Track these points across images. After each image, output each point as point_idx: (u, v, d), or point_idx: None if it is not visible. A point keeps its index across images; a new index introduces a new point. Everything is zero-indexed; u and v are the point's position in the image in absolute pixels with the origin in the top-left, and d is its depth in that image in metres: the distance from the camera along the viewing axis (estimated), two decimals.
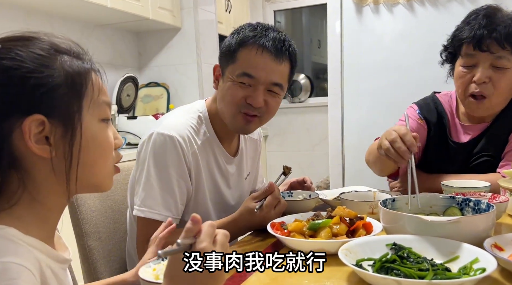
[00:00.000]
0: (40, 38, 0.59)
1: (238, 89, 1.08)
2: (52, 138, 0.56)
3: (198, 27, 2.85)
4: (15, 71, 0.54)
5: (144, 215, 1.03)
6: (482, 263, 0.69)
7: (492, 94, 1.25)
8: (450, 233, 0.79)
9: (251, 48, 1.07)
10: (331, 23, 2.49)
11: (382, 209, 0.89)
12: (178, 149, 1.06)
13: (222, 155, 1.19)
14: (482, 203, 0.90)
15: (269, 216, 1.02)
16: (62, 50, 0.59)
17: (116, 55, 2.80)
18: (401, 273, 0.69)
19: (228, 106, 1.10)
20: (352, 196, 1.20)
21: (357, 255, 0.77)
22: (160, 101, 2.90)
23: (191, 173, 1.10)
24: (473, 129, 1.36)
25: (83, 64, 0.60)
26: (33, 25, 2.24)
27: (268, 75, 1.07)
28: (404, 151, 1.01)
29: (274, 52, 1.07)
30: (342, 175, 2.56)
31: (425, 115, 1.41)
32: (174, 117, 1.14)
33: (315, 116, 3.81)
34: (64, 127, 0.57)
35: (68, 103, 0.57)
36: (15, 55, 0.55)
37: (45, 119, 0.55)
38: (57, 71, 0.57)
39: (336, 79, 2.50)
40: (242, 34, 1.09)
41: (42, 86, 0.55)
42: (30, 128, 0.54)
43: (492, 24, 1.20)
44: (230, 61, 1.09)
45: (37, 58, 0.56)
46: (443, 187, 1.18)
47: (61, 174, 0.58)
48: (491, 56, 1.22)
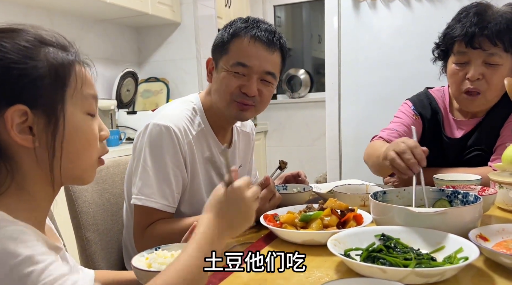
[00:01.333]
0: (25, 30, 0.60)
1: (232, 79, 1.11)
2: (35, 128, 0.57)
3: (198, 22, 2.86)
4: (1, 62, 0.55)
5: (141, 203, 1.05)
6: (466, 253, 0.71)
7: (486, 90, 1.26)
8: (437, 224, 0.81)
9: (244, 38, 1.10)
10: (329, 18, 2.50)
11: (372, 201, 0.91)
12: (174, 138, 1.08)
13: (215, 146, 1.21)
14: (470, 195, 0.92)
15: (263, 208, 1.04)
16: (47, 42, 0.60)
17: (115, 50, 2.82)
18: (387, 262, 0.71)
19: (223, 95, 1.13)
20: (344, 189, 1.22)
21: (345, 245, 0.79)
22: (160, 96, 2.92)
23: (186, 162, 1.12)
24: (466, 124, 1.38)
25: (67, 56, 0.61)
26: (32, 21, 2.26)
27: (262, 64, 1.11)
28: (413, 163, 0.98)
29: (266, 42, 1.11)
30: (339, 169, 2.58)
31: (419, 111, 1.42)
32: (170, 109, 1.17)
33: (315, 112, 3.83)
34: (47, 118, 0.58)
35: (51, 94, 0.58)
36: (0, 46, 0.56)
37: (27, 109, 0.56)
38: (41, 63, 0.58)
39: (333, 74, 2.51)
40: (234, 26, 1.13)
41: (25, 77, 0.56)
42: (12, 118, 0.55)
43: (483, 22, 1.20)
44: (223, 52, 1.12)
45: (21, 49, 0.57)
46: (435, 180, 1.20)
47: (44, 164, 0.59)
48: (483, 53, 1.22)
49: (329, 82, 2.55)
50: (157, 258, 0.69)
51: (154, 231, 1.06)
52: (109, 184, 1.26)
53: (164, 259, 0.68)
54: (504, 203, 1.08)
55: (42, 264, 0.51)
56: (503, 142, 1.29)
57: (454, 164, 1.35)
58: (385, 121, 1.51)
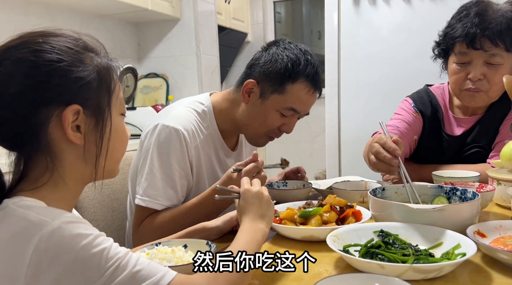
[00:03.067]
0: (69, 35, 0.64)
1: (278, 119, 1.15)
2: (83, 127, 0.62)
3: (198, 18, 2.85)
4: (58, 64, 0.59)
5: (145, 204, 1.06)
6: (463, 249, 0.72)
7: (488, 89, 1.26)
8: (436, 221, 0.81)
9: (305, 86, 1.12)
10: (329, 14, 2.49)
11: (371, 198, 0.92)
12: (182, 141, 1.08)
13: (222, 149, 1.22)
14: (468, 192, 0.93)
15: None
16: (89, 48, 0.64)
17: (115, 46, 2.81)
18: (385, 257, 0.72)
19: (261, 129, 1.17)
20: (344, 185, 1.22)
21: (344, 241, 0.79)
22: (160, 92, 2.92)
23: (192, 165, 1.12)
24: (466, 121, 1.38)
25: (109, 62, 0.66)
26: (32, 16, 2.25)
27: (308, 109, 1.19)
28: (389, 159, 1.00)
29: (320, 92, 1.17)
30: (339, 165, 2.58)
31: (420, 108, 1.42)
32: (179, 110, 1.16)
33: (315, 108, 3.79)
34: (96, 119, 0.63)
35: (99, 97, 0.63)
36: (52, 48, 0.60)
37: (81, 109, 0.61)
38: (89, 67, 0.62)
39: (333, 71, 2.51)
40: (294, 66, 1.11)
41: (81, 79, 0.60)
42: (68, 117, 0.60)
43: (484, 22, 1.20)
44: (278, 90, 1.12)
45: (73, 53, 0.61)
46: (434, 177, 1.20)
47: (90, 160, 0.63)
48: (484, 54, 1.22)
49: (329, 79, 2.55)
50: (157, 254, 0.70)
51: (154, 221, 1.06)
52: (109, 180, 1.27)
53: (165, 255, 0.69)
54: (502, 200, 1.08)
55: (109, 241, 0.56)
56: (502, 139, 1.29)
57: (453, 161, 1.36)
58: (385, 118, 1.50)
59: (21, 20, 2.19)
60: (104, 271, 0.52)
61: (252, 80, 1.14)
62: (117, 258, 0.54)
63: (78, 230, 0.54)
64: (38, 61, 0.58)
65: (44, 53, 0.59)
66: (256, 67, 1.15)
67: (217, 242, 0.87)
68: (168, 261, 0.68)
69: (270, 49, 1.15)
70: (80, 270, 0.52)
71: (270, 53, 1.14)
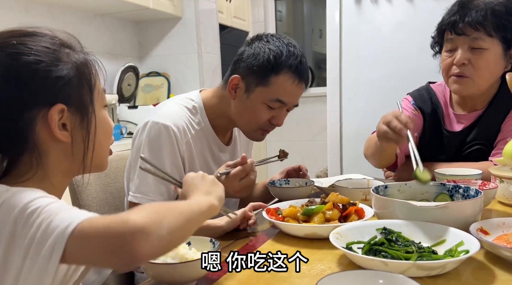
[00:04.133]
0: (44, 33, 0.63)
1: (266, 112, 1.15)
2: (69, 125, 0.62)
3: (199, 17, 2.85)
4: (37, 66, 0.59)
5: (137, 201, 1.06)
6: (467, 246, 0.72)
7: (473, 75, 1.29)
8: (438, 218, 0.82)
9: (290, 77, 1.12)
10: (330, 12, 2.49)
11: (374, 195, 0.92)
12: (172, 137, 1.09)
13: (216, 144, 1.22)
14: (471, 190, 0.93)
15: (232, 185, 1.02)
16: (66, 44, 0.64)
17: (116, 45, 2.81)
18: (388, 255, 0.72)
19: (252, 123, 1.17)
20: (346, 183, 1.22)
21: (347, 239, 0.80)
22: (161, 91, 2.92)
23: (184, 161, 1.13)
24: (466, 118, 1.39)
25: (85, 56, 0.65)
26: (33, 15, 2.26)
27: (296, 100, 1.18)
28: (400, 128, 1.03)
29: (306, 83, 1.16)
30: (340, 163, 2.58)
31: (420, 105, 1.44)
32: (169, 106, 1.17)
33: (316, 106, 3.82)
34: (81, 115, 0.63)
35: (82, 93, 0.63)
36: (30, 50, 0.59)
37: (65, 108, 0.61)
38: (68, 64, 0.62)
39: (335, 69, 2.51)
40: (277, 58, 1.10)
41: (62, 79, 0.61)
42: (54, 117, 0.60)
43: (466, 9, 1.27)
44: (262, 83, 1.12)
45: (50, 52, 0.61)
46: (436, 174, 1.20)
47: (77, 156, 0.64)
48: (467, 39, 1.27)
49: (330, 77, 2.55)
50: None
51: None
52: (112, 178, 1.27)
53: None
54: (504, 197, 1.08)
55: (48, 200, 0.55)
56: (504, 137, 1.29)
57: (454, 158, 1.36)
58: None
59: (22, 19, 2.20)
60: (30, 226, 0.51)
61: (236, 75, 1.14)
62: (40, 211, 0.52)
63: (26, 193, 0.54)
64: (17, 65, 0.58)
65: (22, 55, 0.58)
66: (240, 62, 1.15)
67: (220, 240, 0.87)
68: (172, 258, 0.68)
69: (253, 44, 1.15)
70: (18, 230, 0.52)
71: (253, 47, 1.14)
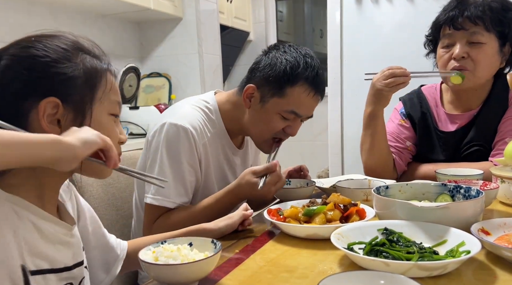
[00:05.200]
0: (66, 37, 0.68)
1: (280, 122, 1.15)
2: (63, 121, 0.64)
3: (200, 17, 2.85)
4: (41, 59, 0.63)
5: (158, 203, 1.07)
6: (468, 246, 0.72)
7: (473, 68, 1.30)
8: (440, 218, 0.82)
9: (305, 89, 1.12)
10: (331, 13, 2.49)
11: (375, 196, 0.92)
12: (191, 139, 1.09)
13: (229, 147, 1.23)
14: (472, 190, 0.93)
15: (269, 191, 1.07)
16: (85, 49, 0.68)
17: (117, 46, 2.82)
18: (390, 255, 0.72)
19: (265, 133, 1.17)
20: (347, 183, 1.22)
21: (349, 239, 0.80)
22: (162, 92, 2.93)
23: (201, 163, 1.13)
24: (460, 118, 1.39)
25: (101, 64, 0.69)
26: (35, 16, 2.26)
27: (310, 112, 1.19)
28: (403, 71, 1.26)
29: (322, 94, 1.17)
30: (341, 164, 2.58)
31: (408, 111, 1.47)
32: (186, 109, 1.17)
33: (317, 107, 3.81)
34: (75, 113, 0.65)
35: (82, 93, 0.66)
36: (43, 46, 0.64)
37: (59, 102, 0.63)
38: (77, 65, 0.65)
39: (335, 69, 2.51)
40: (293, 69, 1.10)
41: (61, 75, 0.63)
42: (45, 109, 0.62)
43: (464, 5, 1.28)
44: (277, 93, 1.12)
45: (61, 52, 0.65)
46: (438, 175, 1.20)
47: None
48: (466, 33, 1.28)
49: (331, 77, 2.55)
50: (163, 252, 0.70)
51: (169, 219, 1.08)
52: (114, 179, 1.27)
53: (171, 253, 0.69)
54: (505, 197, 1.08)
55: None
56: (502, 138, 1.30)
57: (453, 158, 1.37)
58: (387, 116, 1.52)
59: (24, 20, 2.20)
60: None
61: (252, 85, 1.14)
62: None
63: None
64: (23, 56, 0.63)
65: (31, 49, 0.63)
66: (256, 72, 1.15)
67: (221, 240, 0.88)
68: (174, 259, 0.68)
69: (270, 53, 1.15)
70: None
71: (270, 57, 1.14)
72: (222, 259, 0.80)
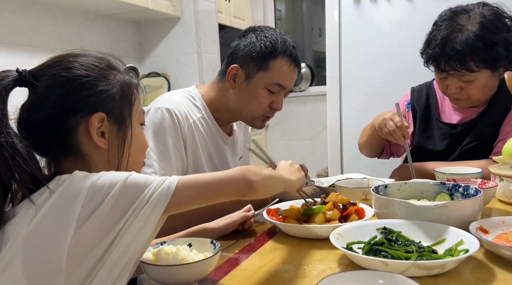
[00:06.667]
0: (95, 55, 0.73)
1: (266, 97, 1.19)
2: (107, 134, 0.70)
3: (198, 17, 2.85)
4: (85, 79, 0.68)
5: None
6: (466, 245, 0.72)
7: (469, 97, 1.32)
8: (438, 217, 0.82)
9: (286, 61, 1.17)
10: (329, 11, 2.49)
11: (374, 195, 0.92)
12: (175, 120, 1.12)
13: (219, 133, 1.25)
14: (471, 188, 0.93)
15: None
16: (113, 66, 0.73)
17: (116, 46, 2.82)
18: (389, 254, 0.72)
19: (255, 110, 1.20)
20: (346, 183, 1.23)
21: (348, 239, 0.80)
22: (161, 91, 2.92)
23: (186, 145, 1.15)
24: (465, 112, 1.41)
25: (130, 79, 0.75)
26: (33, 15, 2.26)
27: (291, 84, 1.22)
28: (400, 138, 1.24)
29: (299, 67, 1.21)
30: (341, 163, 2.58)
31: (413, 102, 1.50)
32: (170, 94, 1.22)
33: (316, 105, 3.82)
34: (118, 126, 0.71)
35: (122, 107, 0.72)
36: (81, 65, 0.69)
37: (105, 117, 0.69)
38: (113, 81, 0.71)
39: (334, 67, 2.51)
40: (273, 44, 1.16)
41: (105, 92, 0.70)
42: (94, 123, 0.68)
43: (446, 50, 1.25)
44: (262, 68, 1.16)
45: (98, 70, 0.70)
46: (436, 173, 1.21)
47: (113, 163, 0.71)
48: (455, 73, 1.27)
49: (330, 76, 2.55)
50: (163, 253, 0.70)
51: None
52: None
53: (170, 254, 0.70)
54: (504, 196, 1.09)
55: None
56: (503, 138, 1.30)
57: (449, 151, 1.39)
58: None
59: (22, 20, 2.20)
60: None
61: (235, 65, 1.18)
62: None
63: (118, 172, 0.63)
64: (69, 77, 0.68)
65: (74, 69, 0.68)
66: (237, 53, 1.19)
67: (221, 241, 0.88)
68: (174, 260, 0.69)
69: (247, 35, 1.20)
70: (127, 194, 0.61)
71: (248, 37, 1.19)
72: (221, 259, 0.80)
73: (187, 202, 0.64)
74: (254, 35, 1.19)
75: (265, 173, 0.72)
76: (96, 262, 0.59)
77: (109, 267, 0.60)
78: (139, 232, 0.61)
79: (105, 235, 0.59)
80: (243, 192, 0.69)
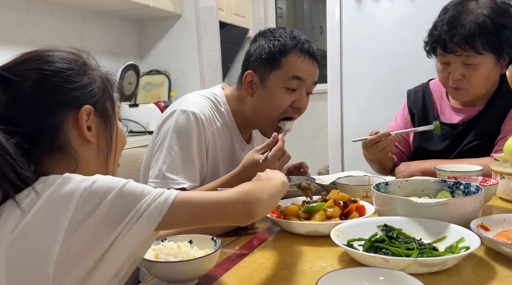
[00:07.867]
0: (68, 50, 0.70)
1: (286, 96, 1.16)
2: (94, 128, 0.68)
3: (199, 14, 2.85)
4: (69, 72, 0.66)
5: (167, 186, 1.05)
6: (467, 242, 0.72)
7: (469, 87, 1.31)
8: (439, 215, 0.82)
9: (299, 55, 1.14)
10: (331, 9, 2.49)
11: (375, 192, 0.92)
12: (200, 125, 1.10)
13: (238, 141, 1.24)
14: (471, 186, 0.93)
15: (273, 167, 1.02)
16: (89, 61, 0.71)
17: (117, 43, 2.81)
18: (389, 252, 0.72)
19: (272, 113, 1.17)
20: (347, 180, 1.22)
21: (348, 236, 0.80)
22: (162, 89, 2.92)
23: (208, 151, 1.14)
24: (465, 111, 1.40)
25: (107, 74, 0.73)
26: (34, 13, 2.26)
27: (312, 77, 1.18)
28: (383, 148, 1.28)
29: (316, 59, 1.18)
30: (341, 160, 2.58)
31: (410, 105, 1.50)
32: (195, 97, 1.19)
33: (317, 103, 3.81)
34: (104, 121, 0.70)
35: (106, 102, 0.70)
36: (61, 59, 0.67)
37: (92, 110, 0.67)
38: (93, 76, 0.69)
39: (335, 65, 2.51)
40: (282, 42, 1.14)
41: (90, 85, 0.68)
42: (82, 116, 0.66)
43: (453, 29, 1.25)
44: (274, 67, 1.14)
45: (80, 64, 0.68)
46: (437, 171, 1.20)
47: (102, 159, 0.70)
48: (460, 56, 1.27)
49: (331, 74, 2.55)
50: (163, 249, 0.70)
51: None
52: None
53: (171, 250, 0.70)
54: (505, 193, 1.09)
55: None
56: (504, 136, 1.30)
57: (449, 151, 1.38)
58: (387, 113, 1.52)
59: (22, 18, 2.20)
60: None
61: (249, 71, 1.17)
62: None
63: (114, 178, 0.60)
64: (53, 70, 0.65)
65: (56, 63, 0.66)
66: (248, 60, 1.18)
67: (221, 237, 0.88)
68: (174, 256, 0.69)
69: (257, 39, 1.20)
70: (122, 203, 0.57)
71: (258, 41, 1.19)
72: (222, 256, 0.80)
73: (179, 221, 0.61)
74: (263, 38, 1.18)
75: (265, 195, 0.67)
76: (86, 274, 0.55)
77: (100, 279, 0.56)
78: (132, 246, 0.58)
79: (97, 245, 0.55)
80: (242, 219, 0.65)
